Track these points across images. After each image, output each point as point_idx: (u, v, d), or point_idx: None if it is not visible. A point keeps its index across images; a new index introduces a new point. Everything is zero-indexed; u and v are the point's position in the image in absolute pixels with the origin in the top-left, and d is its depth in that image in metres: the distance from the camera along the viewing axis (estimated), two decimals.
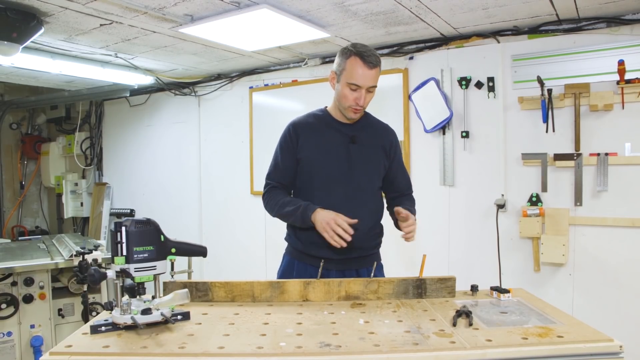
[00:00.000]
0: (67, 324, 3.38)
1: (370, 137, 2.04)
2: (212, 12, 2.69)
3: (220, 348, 1.27)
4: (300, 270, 2.01)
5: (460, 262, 3.30)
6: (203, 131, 4.62)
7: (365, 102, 1.92)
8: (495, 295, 1.73)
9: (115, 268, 1.44)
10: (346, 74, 1.89)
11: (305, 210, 1.88)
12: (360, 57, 1.87)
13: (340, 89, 1.93)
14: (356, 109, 1.93)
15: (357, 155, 1.99)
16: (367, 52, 1.88)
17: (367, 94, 1.91)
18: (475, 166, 3.28)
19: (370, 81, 1.89)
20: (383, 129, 2.11)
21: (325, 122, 2.03)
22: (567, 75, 2.92)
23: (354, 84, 1.88)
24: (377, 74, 1.91)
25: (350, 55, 1.89)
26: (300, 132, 2.01)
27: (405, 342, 1.29)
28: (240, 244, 4.37)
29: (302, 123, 2.04)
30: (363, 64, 1.86)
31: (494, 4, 2.64)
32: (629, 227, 2.80)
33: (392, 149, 2.09)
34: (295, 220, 1.93)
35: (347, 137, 2.00)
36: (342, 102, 1.94)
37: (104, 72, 3.95)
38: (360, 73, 1.87)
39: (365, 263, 2.02)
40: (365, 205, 2.00)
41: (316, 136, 2.00)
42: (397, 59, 3.50)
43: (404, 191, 2.16)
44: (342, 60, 1.91)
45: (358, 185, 1.99)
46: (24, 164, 5.92)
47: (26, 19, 2.67)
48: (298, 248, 2.03)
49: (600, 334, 1.32)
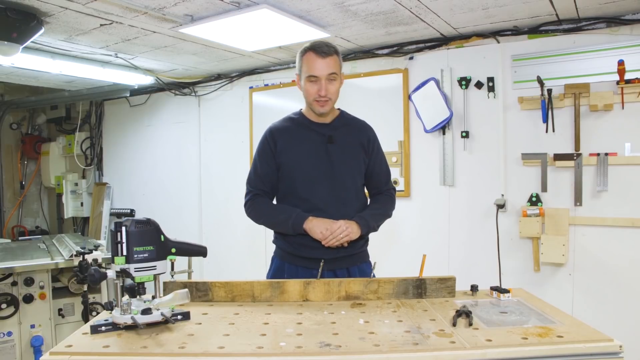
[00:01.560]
0: (67, 324, 3.38)
1: (347, 135, 2.05)
2: (212, 12, 2.69)
3: (220, 348, 1.27)
4: (291, 272, 2.02)
5: (460, 262, 3.30)
6: (203, 131, 4.62)
7: (328, 92, 1.93)
8: (495, 295, 1.73)
9: (115, 268, 1.44)
10: (304, 70, 1.95)
11: (297, 219, 1.92)
12: (313, 49, 1.93)
13: (303, 86, 1.98)
14: (319, 100, 1.94)
15: (336, 155, 2.00)
16: (318, 43, 1.94)
17: (329, 83, 1.93)
18: (475, 166, 3.28)
19: (326, 69, 1.91)
20: (360, 125, 2.12)
21: (302, 124, 2.05)
22: (567, 75, 2.92)
23: (312, 76, 1.92)
24: (333, 61, 1.93)
25: (304, 52, 1.96)
26: (278, 136, 2.03)
27: (405, 342, 1.29)
28: (240, 244, 4.37)
29: (279, 128, 2.07)
30: (316, 55, 1.91)
31: (494, 4, 2.64)
32: (629, 227, 2.80)
33: (370, 144, 2.09)
34: (286, 229, 1.97)
35: (324, 137, 2.02)
36: (307, 97, 1.98)
37: (104, 72, 3.95)
38: (314, 64, 1.91)
39: (355, 261, 2.05)
40: (349, 204, 2.02)
41: (294, 139, 2.02)
42: (397, 59, 3.50)
43: (382, 187, 2.14)
44: (299, 60, 1.98)
45: (340, 184, 2.00)
46: (24, 164, 5.91)
47: (26, 19, 2.67)
48: (288, 250, 2.04)
49: (600, 334, 1.32)
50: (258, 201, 2.04)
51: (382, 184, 2.14)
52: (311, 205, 1.96)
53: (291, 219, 1.93)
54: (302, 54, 1.96)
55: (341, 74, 2.00)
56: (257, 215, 2.05)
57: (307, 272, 1.95)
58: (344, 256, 1.99)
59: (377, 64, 3.57)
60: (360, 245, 2.07)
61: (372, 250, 2.15)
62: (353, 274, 2.03)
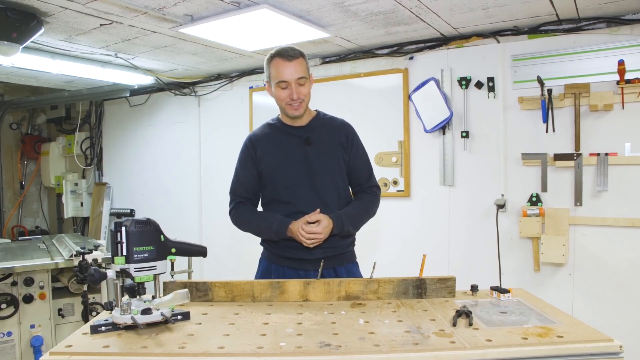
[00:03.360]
0: (67, 324, 3.38)
1: (324, 135, 2.05)
2: (212, 12, 2.69)
3: (220, 348, 1.27)
4: (279, 273, 2.05)
5: (460, 262, 3.30)
6: (203, 131, 4.62)
7: (300, 94, 1.94)
8: (495, 295, 1.73)
9: (115, 268, 1.44)
10: (273, 76, 1.96)
11: (279, 227, 1.95)
12: (279, 55, 1.94)
13: (274, 92, 1.99)
14: (292, 104, 1.95)
15: (314, 156, 2.01)
16: (284, 49, 1.95)
17: (299, 87, 1.94)
18: (475, 166, 3.28)
19: (294, 73, 1.92)
20: (337, 124, 2.11)
21: (279, 129, 2.07)
22: (567, 75, 2.92)
23: (281, 81, 1.93)
24: (300, 64, 1.94)
25: (271, 59, 1.97)
26: (257, 144, 2.06)
27: (405, 342, 1.29)
28: (240, 244, 4.36)
29: (257, 135, 2.09)
30: (283, 60, 1.92)
31: (494, 4, 2.64)
32: (629, 227, 2.80)
33: (349, 142, 2.08)
34: (270, 236, 2.01)
35: (301, 139, 2.02)
36: (280, 103, 2.00)
37: (104, 72, 3.95)
38: (282, 69, 1.92)
39: (342, 261, 2.06)
40: (332, 204, 2.02)
41: (272, 145, 2.04)
42: (397, 59, 3.50)
43: (364, 184, 2.13)
44: (267, 67, 1.99)
45: (321, 185, 2.01)
46: (24, 164, 5.92)
47: (26, 19, 2.67)
48: (275, 252, 2.07)
49: (600, 334, 1.32)
50: (241, 210, 2.09)
51: (363, 180, 2.13)
52: (295, 209, 1.98)
53: (274, 226, 1.96)
54: (269, 61, 1.97)
55: (310, 75, 2.01)
56: (241, 224, 2.10)
57: (294, 273, 1.99)
58: (331, 256, 1.99)
59: (377, 64, 3.57)
60: (346, 245, 2.08)
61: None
62: (340, 274, 2.04)
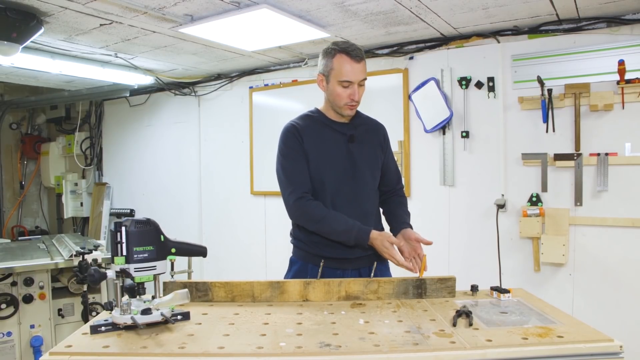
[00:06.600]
0: (67, 324, 3.38)
1: (366, 135, 2.05)
2: (212, 12, 2.69)
3: (220, 348, 1.27)
4: (314, 274, 1.92)
5: (460, 262, 3.30)
6: (203, 131, 4.62)
7: (359, 97, 1.93)
8: (495, 295, 1.73)
9: (115, 268, 1.44)
10: (335, 72, 1.89)
11: (359, 233, 1.86)
12: (346, 53, 1.87)
13: (332, 88, 1.93)
14: (352, 105, 1.94)
15: (357, 154, 2.00)
16: (351, 47, 1.89)
17: (359, 88, 1.92)
18: (475, 166, 3.28)
19: (360, 75, 1.90)
20: (375, 125, 2.13)
21: (322, 122, 2.01)
22: (567, 75, 2.92)
23: (345, 81, 1.88)
24: (364, 66, 1.92)
25: (335, 53, 1.89)
26: (303, 134, 1.97)
27: (405, 342, 1.29)
28: (240, 244, 4.37)
29: (302, 125, 2.00)
30: (351, 60, 1.87)
31: (494, 4, 2.64)
32: (629, 227, 2.80)
33: (385, 143, 2.12)
34: (347, 240, 1.89)
35: (345, 136, 2.00)
36: (337, 101, 1.93)
37: (104, 72, 3.95)
38: (349, 69, 1.87)
39: (368, 262, 1.97)
40: (370, 202, 2.03)
41: (317, 137, 1.98)
42: (397, 59, 3.50)
43: (394, 185, 2.16)
44: (329, 60, 1.91)
45: (362, 182, 2.00)
46: (24, 164, 5.92)
47: (26, 19, 2.67)
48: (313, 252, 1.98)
49: (600, 334, 1.32)
50: (314, 205, 1.92)
51: (394, 181, 2.16)
52: (335, 204, 1.94)
53: (353, 231, 1.86)
54: (333, 55, 1.89)
55: None
56: (311, 219, 1.92)
57: (332, 273, 1.91)
58: (358, 257, 1.97)
59: (377, 64, 3.57)
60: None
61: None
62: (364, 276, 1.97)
